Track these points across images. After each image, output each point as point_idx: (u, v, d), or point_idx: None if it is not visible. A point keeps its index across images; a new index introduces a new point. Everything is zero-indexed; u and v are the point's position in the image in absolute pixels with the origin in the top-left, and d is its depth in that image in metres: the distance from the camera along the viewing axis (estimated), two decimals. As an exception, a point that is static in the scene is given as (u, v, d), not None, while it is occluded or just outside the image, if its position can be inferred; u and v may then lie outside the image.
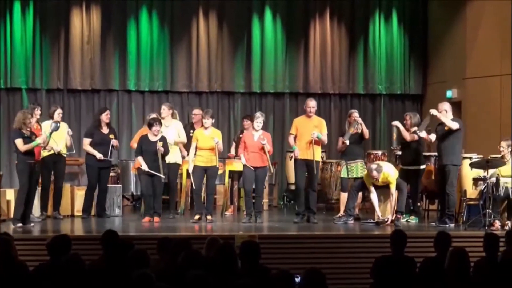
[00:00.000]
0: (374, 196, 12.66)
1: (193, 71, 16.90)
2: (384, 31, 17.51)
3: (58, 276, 6.36)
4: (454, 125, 12.27)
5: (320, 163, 13.63)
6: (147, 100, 16.78)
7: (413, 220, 12.96)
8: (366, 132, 13.21)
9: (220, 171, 13.82)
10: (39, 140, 11.79)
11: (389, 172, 12.49)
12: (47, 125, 12.65)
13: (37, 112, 12.65)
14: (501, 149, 12.43)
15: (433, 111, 12.36)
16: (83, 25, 16.47)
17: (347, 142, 13.02)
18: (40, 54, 16.36)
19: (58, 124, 12.51)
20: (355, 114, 13.31)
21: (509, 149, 12.38)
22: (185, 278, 5.86)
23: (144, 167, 12.53)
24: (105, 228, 9.33)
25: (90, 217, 13.11)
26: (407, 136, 12.93)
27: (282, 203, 16.24)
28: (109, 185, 13.55)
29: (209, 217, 12.60)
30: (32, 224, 11.88)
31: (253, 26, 17.07)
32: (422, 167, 13.08)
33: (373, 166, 12.53)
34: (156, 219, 12.63)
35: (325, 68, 17.31)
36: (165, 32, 16.84)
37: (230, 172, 14.02)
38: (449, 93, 16.27)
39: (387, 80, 17.53)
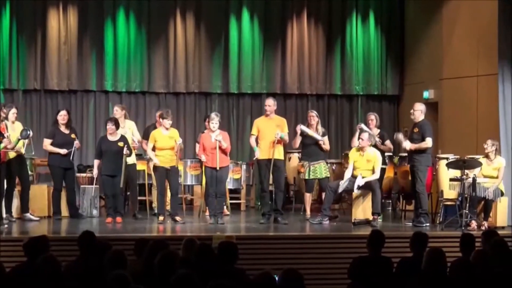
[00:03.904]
0: (348, 173, 12.70)
1: (170, 72, 16.85)
2: (361, 32, 17.53)
3: (35, 277, 6.33)
4: (429, 144, 12.37)
5: (299, 165, 13.66)
6: (124, 100, 16.68)
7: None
8: (327, 148, 13.45)
9: (197, 172, 13.82)
10: (2, 144, 11.71)
11: (377, 155, 12.55)
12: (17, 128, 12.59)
13: (5, 111, 12.54)
14: (486, 146, 12.45)
15: (406, 145, 12.48)
16: (60, 25, 16.38)
17: (298, 141, 13.27)
18: (17, 54, 16.24)
19: (29, 133, 12.38)
20: (314, 115, 13.46)
21: (493, 148, 12.43)
22: (172, 277, 5.84)
23: (95, 173, 12.95)
24: (82, 229, 9.29)
25: (61, 218, 13.01)
26: (385, 149, 13.25)
27: (259, 203, 16.20)
28: (85, 186, 13.50)
29: (177, 218, 12.48)
30: (5, 226, 11.78)
31: (230, 26, 17.03)
32: (384, 166, 13.27)
33: (366, 128, 12.79)
34: (118, 219, 12.62)
35: (302, 69, 17.31)
36: (142, 32, 16.77)
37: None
38: (425, 94, 16.31)
39: (364, 81, 17.54)
